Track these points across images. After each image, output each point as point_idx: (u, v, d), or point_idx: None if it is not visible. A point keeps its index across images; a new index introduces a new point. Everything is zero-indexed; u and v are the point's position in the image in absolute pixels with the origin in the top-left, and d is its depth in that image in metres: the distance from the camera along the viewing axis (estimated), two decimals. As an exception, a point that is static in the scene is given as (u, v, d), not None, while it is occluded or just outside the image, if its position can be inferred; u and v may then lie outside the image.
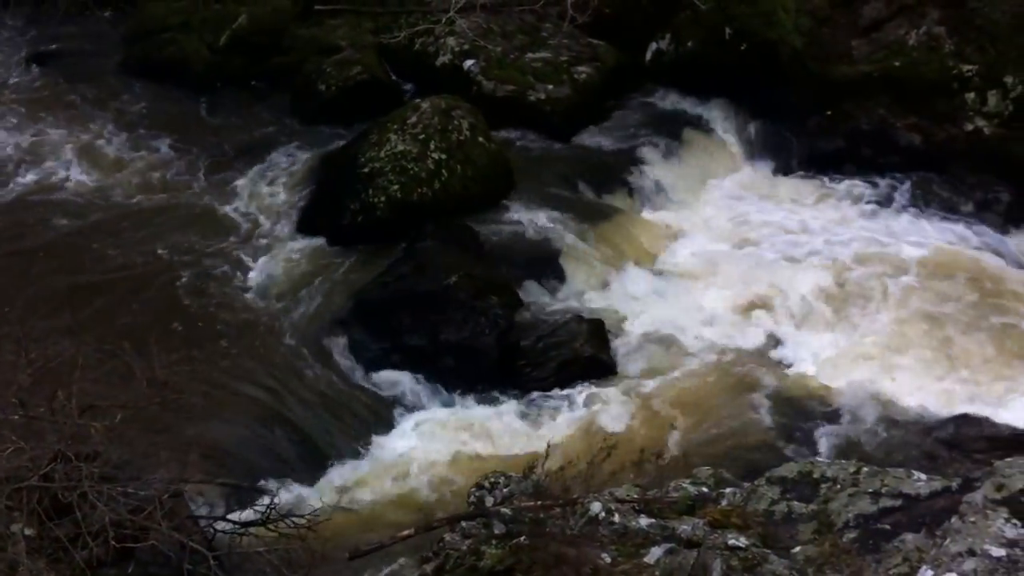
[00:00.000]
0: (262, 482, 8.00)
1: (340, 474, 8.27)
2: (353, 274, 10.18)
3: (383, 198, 10.56)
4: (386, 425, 8.80)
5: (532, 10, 12.58)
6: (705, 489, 5.84)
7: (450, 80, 12.46)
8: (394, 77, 13.04)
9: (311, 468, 8.32)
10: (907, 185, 11.32)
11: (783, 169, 12.01)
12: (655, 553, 5.21)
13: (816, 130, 12.09)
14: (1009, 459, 5.09)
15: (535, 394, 8.95)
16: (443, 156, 10.81)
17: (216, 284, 10.03)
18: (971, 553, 4.37)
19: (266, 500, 7.20)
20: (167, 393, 6.73)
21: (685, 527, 5.34)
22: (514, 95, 12.25)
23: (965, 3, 11.84)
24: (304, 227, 10.85)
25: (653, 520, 5.51)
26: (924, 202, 11.16)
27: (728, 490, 5.76)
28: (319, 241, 10.64)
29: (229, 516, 7.15)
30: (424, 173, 10.69)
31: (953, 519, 4.66)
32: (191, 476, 6.99)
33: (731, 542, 5.07)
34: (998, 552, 4.36)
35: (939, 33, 11.87)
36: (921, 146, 11.53)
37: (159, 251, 10.48)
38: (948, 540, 4.52)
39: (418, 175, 10.67)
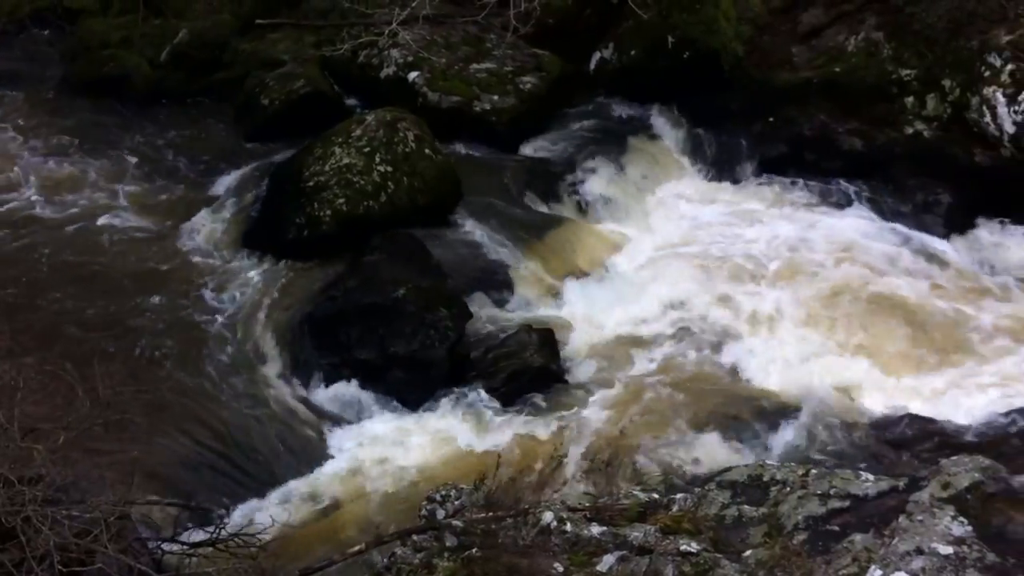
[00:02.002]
0: (210, 502, 7.90)
1: (290, 491, 8.16)
2: (300, 289, 10.09)
3: (329, 212, 10.47)
4: (336, 440, 8.70)
5: (475, 21, 12.61)
6: (656, 495, 5.87)
7: (395, 92, 12.41)
8: (338, 90, 12.96)
9: (260, 486, 8.22)
10: (850, 189, 11.43)
11: (728, 175, 12.07)
12: (607, 561, 5.21)
13: (759, 136, 12.19)
14: (955, 457, 5.17)
15: (486, 405, 8.91)
16: (389, 169, 10.75)
17: (159, 302, 9.87)
18: (919, 552, 4.42)
19: (215, 520, 7.12)
20: (111, 414, 6.61)
21: (637, 534, 5.35)
22: (459, 106, 12.22)
23: (902, 9, 12.01)
24: (249, 243, 10.72)
25: (605, 528, 5.52)
26: (867, 205, 11.26)
27: (679, 495, 5.78)
28: (264, 257, 10.51)
29: (177, 537, 7.03)
30: (370, 186, 10.62)
31: (901, 518, 4.70)
32: (137, 498, 6.87)
33: (683, 547, 5.08)
34: (946, 550, 4.40)
35: (877, 39, 12.01)
36: (862, 150, 11.65)
37: (100, 270, 10.31)
38: (896, 539, 4.55)
39: (364, 188, 10.59)
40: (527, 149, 12.18)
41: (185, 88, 13.45)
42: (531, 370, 9.12)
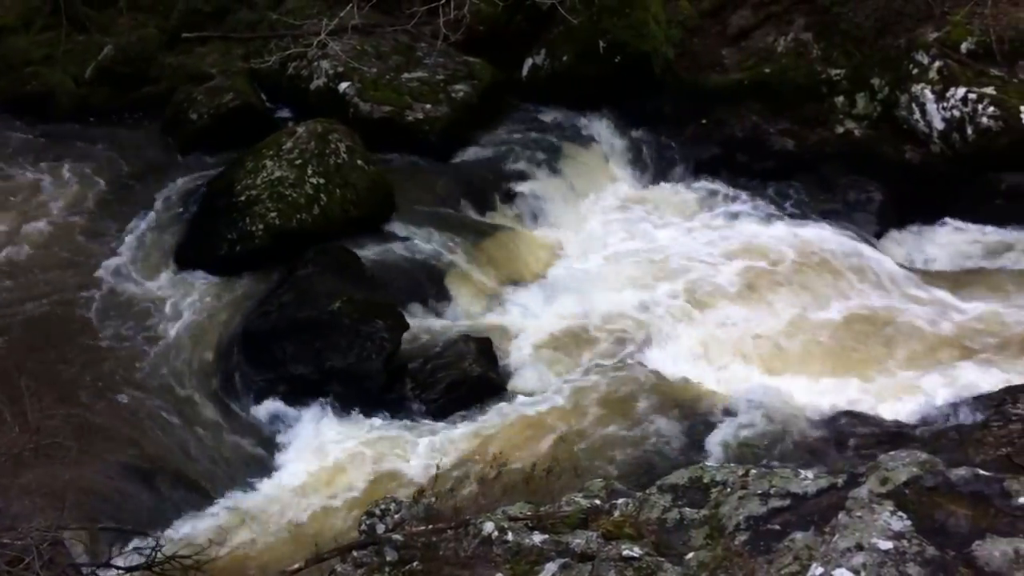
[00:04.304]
0: (145, 524, 7.71)
1: (227, 510, 8.00)
2: (234, 305, 9.94)
3: (261, 226, 10.32)
4: (273, 457, 8.58)
5: (405, 30, 12.54)
6: (597, 501, 5.80)
7: (326, 103, 12.32)
8: (268, 103, 12.85)
9: (197, 507, 8.05)
10: (782, 189, 11.52)
11: (662, 178, 12.14)
12: (550, 569, 5.15)
13: (692, 138, 12.25)
14: (892, 452, 5.16)
15: (424, 416, 8.81)
16: (321, 180, 10.63)
17: (89, 323, 9.69)
18: (859, 548, 4.40)
19: (150, 542, 6.96)
20: (41, 438, 6.48)
21: (579, 541, 5.29)
22: (391, 115, 12.13)
23: (829, 9, 12.14)
24: (181, 260, 10.54)
25: (546, 536, 5.45)
26: (799, 205, 11.35)
27: (620, 500, 5.72)
28: (197, 273, 10.34)
29: (112, 561, 6.88)
30: (302, 199, 10.49)
31: (840, 515, 4.68)
32: (70, 522, 6.71)
33: (625, 552, 5.03)
34: (885, 545, 4.39)
35: (806, 39, 12.15)
36: (794, 150, 11.76)
37: (28, 292, 10.08)
38: (837, 536, 4.53)
39: (296, 201, 10.46)
40: (461, 157, 12.12)
41: (112, 104, 13.25)
42: (469, 379, 9.03)
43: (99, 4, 14.37)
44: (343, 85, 12.39)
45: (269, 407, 9.01)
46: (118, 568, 6.78)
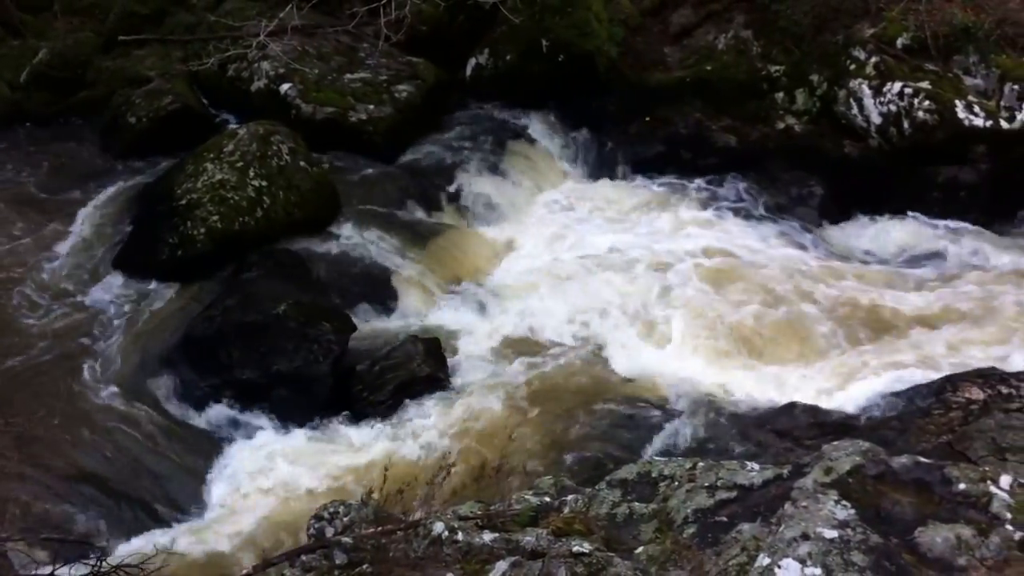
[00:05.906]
0: (90, 534, 7.61)
1: (174, 518, 7.91)
2: (176, 311, 9.81)
3: (203, 230, 10.20)
4: (220, 463, 8.45)
5: (347, 31, 12.49)
6: (547, 498, 5.79)
7: (267, 105, 12.23)
8: (208, 105, 12.75)
9: (142, 515, 7.94)
10: (725, 185, 11.64)
11: (608, 176, 12.21)
12: (500, 567, 5.13)
13: (637, 136, 12.32)
14: (836, 442, 5.20)
15: (373, 418, 8.73)
16: (264, 183, 10.53)
17: (27, 332, 9.52)
18: (805, 537, 4.43)
19: (96, 552, 6.86)
20: (-21, 449, 6.38)
21: (529, 538, 5.27)
22: (334, 117, 12.07)
23: (768, 6, 12.26)
24: (121, 266, 10.39)
25: (497, 535, 5.43)
26: (743, 200, 11.46)
27: (570, 497, 5.72)
28: (138, 279, 10.20)
29: (57, 572, 6.77)
30: (245, 202, 10.38)
31: (786, 505, 4.71)
32: (12, 533, 6.62)
33: (575, 549, 5.02)
34: (831, 534, 4.42)
35: (746, 36, 12.26)
36: (736, 146, 11.87)
37: (-36, 302, 9.93)
38: (783, 527, 4.56)
39: (239, 204, 10.35)
40: (405, 158, 12.09)
41: (48, 109, 13.12)
42: (418, 380, 8.98)
43: (33, 8, 14.18)
44: (285, 86, 12.31)
45: (215, 413, 8.90)
46: (63, 579, 6.68)
